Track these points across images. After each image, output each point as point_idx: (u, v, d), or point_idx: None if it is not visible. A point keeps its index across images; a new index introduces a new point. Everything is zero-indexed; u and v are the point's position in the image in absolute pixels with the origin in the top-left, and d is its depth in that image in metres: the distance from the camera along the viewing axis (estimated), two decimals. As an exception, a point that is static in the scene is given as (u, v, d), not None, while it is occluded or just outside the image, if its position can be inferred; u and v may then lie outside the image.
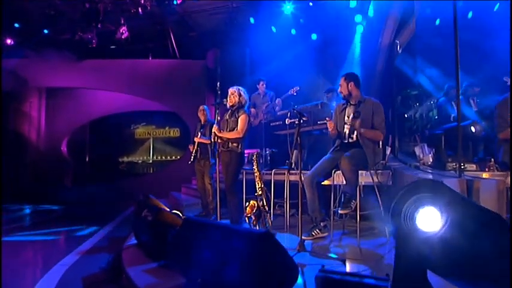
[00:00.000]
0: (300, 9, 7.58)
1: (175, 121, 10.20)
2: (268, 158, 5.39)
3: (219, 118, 3.83)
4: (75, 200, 8.66)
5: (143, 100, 9.85)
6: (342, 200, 3.26)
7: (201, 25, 9.34)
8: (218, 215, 3.78)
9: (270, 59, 7.99)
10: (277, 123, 5.38)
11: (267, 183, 4.85)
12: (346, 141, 3.32)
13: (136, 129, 11.65)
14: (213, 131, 3.58)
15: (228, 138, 3.62)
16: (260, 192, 3.40)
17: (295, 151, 4.69)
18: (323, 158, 3.37)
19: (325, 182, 3.45)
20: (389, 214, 1.65)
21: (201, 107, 5.10)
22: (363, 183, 3.23)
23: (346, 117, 3.35)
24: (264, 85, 6.38)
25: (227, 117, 3.74)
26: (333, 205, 3.33)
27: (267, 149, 5.60)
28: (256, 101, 6.42)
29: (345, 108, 3.37)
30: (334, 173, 3.30)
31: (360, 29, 7.10)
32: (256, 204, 3.30)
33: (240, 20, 8.52)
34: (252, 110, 6.33)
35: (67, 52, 9.38)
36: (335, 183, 3.34)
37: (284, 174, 4.54)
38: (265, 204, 3.36)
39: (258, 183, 3.44)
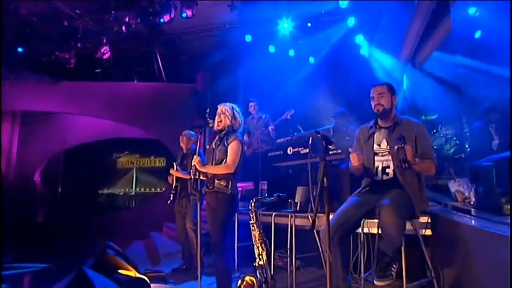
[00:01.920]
0: (299, 29, 6.96)
1: (161, 150, 9.24)
2: (266, 195, 4.43)
3: (202, 147, 2.90)
4: (47, 236, 7.47)
5: (126, 127, 8.92)
6: (376, 261, 2.29)
7: (190, 47, 8.69)
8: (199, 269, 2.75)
9: (265, 82, 7.32)
10: (276, 153, 4.48)
11: (264, 228, 3.88)
12: (378, 179, 2.40)
13: (119, 158, 10.62)
14: (193, 163, 2.63)
15: (214, 175, 2.69)
16: (261, 263, 2.38)
17: (300, 188, 3.77)
18: (347, 202, 2.44)
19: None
20: None
21: (184, 132, 4.17)
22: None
23: (375, 146, 2.45)
24: (256, 107, 5.52)
25: (213, 145, 2.82)
26: (363, 267, 2.36)
27: (262, 182, 4.68)
28: (249, 126, 5.54)
29: (373, 133, 2.48)
30: (364, 222, 2.36)
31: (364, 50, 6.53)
32: (254, 283, 2.27)
33: (232, 42, 7.89)
34: (245, 137, 5.45)
35: (43, 73, 8.54)
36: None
37: (287, 217, 3.60)
38: (269, 280, 2.33)
39: (257, 248, 2.43)
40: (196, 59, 8.71)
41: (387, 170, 2.36)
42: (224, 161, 2.70)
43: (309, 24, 7.17)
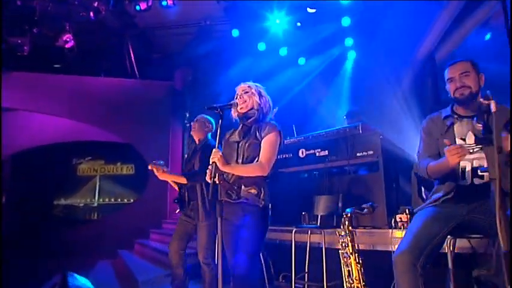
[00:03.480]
0: (293, 26, 6.43)
1: (130, 155, 8.17)
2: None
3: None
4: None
5: (89, 128, 7.76)
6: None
7: (168, 42, 7.86)
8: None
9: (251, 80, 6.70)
10: (281, 156, 3.81)
11: (270, 246, 3.18)
12: (467, 184, 1.80)
13: (80, 164, 9.32)
14: (212, 160, 1.84)
15: (240, 178, 1.94)
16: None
17: (322, 198, 3.11)
18: (422, 215, 1.81)
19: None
20: None
21: (197, 117, 3.17)
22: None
23: (458, 140, 1.86)
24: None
25: (236, 137, 2.06)
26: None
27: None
28: None
29: (452, 124, 1.89)
30: (450, 242, 1.74)
31: (352, 55, 6.18)
32: None
33: (217, 37, 7.21)
34: None
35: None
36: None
37: (307, 233, 2.94)
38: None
39: (354, 272, 1.64)
40: (174, 55, 7.87)
41: (480, 172, 1.77)
42: (255, 159, 1.96)
43: (299, 24, 6.67)
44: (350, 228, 1.68)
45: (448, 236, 1.76)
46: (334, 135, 3.30)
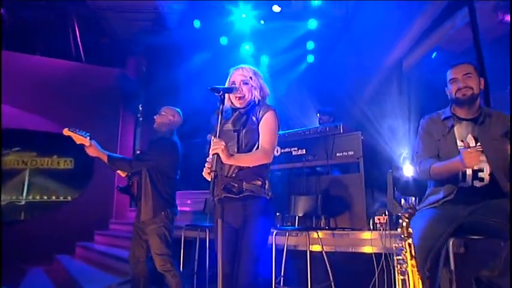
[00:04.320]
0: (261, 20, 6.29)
1: (70, 148, 7.23)
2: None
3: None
4: None
5: (19, 113, 6.70)
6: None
7: (119, 28, 7.18)
8: None
9: (212, 76, 6.42)
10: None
11: None
12: (467, 186, 1.81)
13: (6, 156, 8.04)
14: (213, 151, 1.57)
15: (241, 169, 1.71)
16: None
17: (301, 199, 2.99)
18: (424, 216, 1.77)
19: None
20: None
21: (164, 109, 2.85)
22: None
23: (459, 142, 1.86)
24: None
25: (230, 125, 1.81)
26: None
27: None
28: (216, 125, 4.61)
29: (453, 126, 1.90)
30: (452, 243, 1.73)
31: (310, 59, 6.31)
32: None
33: (177, 26, 6.75)
34: (209, 136, 4.54)
35: None
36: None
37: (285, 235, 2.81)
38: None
39: (411, 281, 1.43)
40: (127, 41, 7.20)
41: (480, 174, 1.79)
42: (254, 146, 1.74)
43: (262, 22, 6.58)
44: (410, 230, 1.54)
45: (450, 238, 1.74)
46: (312, 134, 3.21)
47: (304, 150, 3.20)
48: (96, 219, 5.74)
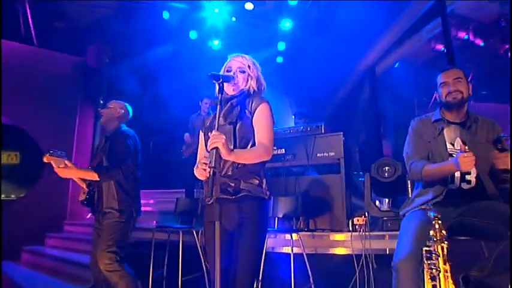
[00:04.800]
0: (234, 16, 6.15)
1: (15, 140, 6.50)
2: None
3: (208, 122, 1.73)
4: None
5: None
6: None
7: (78, 13, 6.62)
8: None
9: (179, 72, 6.18)
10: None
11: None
12: (455, 188, 1.84)
13: None
14: (212, 146, 1.41)
15: (237, 166, 1.58)
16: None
17: (282, 199, 2.91)
18: (416, 221, 1.78)
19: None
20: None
21: (111, 103, 2.68)
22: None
23: (448, 144, 1.90)
24: (208, 105, 4.58)
25: (222, 120, 1.64)
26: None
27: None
28: (194, 123, 4.51)
29: (442, 128, 1.93)
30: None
31: (279, 59, 6.34)
32: None
33: (146, 17, 6.39)
34: (187, 136, 4.38)
35: None
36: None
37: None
38: None
39: None
40: (88, 28, 6.65)
41: (467, 177, 1.84)
42: (251, 142, 1.62)
43: (234, 19, 6.47)
44: (443, 232, 1.47)
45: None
46: (293, 134, 3.16)
47: (283, 149, 3.14)
48: (48, 220, 5.20)
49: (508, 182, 1.79)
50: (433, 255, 1.39)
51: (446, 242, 1.44)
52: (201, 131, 1.81)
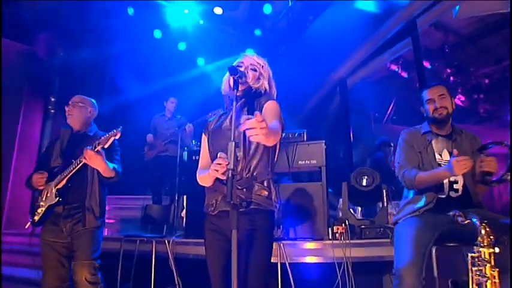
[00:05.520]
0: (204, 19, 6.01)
1: None
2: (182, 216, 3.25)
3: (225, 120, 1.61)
4: None
5: None
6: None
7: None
8: None
9: (141, 72, 5.89)
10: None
11: (182, 263, 2.75)
12: (443, 196, 1.94)
13: None
14: (251, 131, 1.18)
15: (251, 169, 1.50)
16: None
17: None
18: (412, 228, 1.84)
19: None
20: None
21: (77, 99, 2.42)
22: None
23: (437, 155, 2.01)
24: (175, 105, 4.34)
25: (227, 122, 1.58)
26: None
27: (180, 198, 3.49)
28: (157, 124, 4.22)
29: (431, 140, 2.04)
30: (435, 251, 1.82)
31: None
32: None
33: (107, 10, 5.97)
34: (150, 137, 4.10)
35: None
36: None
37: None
38: None
39: None
40: (37, 14, 6.00)
41: (455, 186, 1.95)
42: (262, 147, 1.51)
43: (201, 22, 6.37)
44: (491, 237, 1.45)
45: (433, 246, 1.83)
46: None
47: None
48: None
49: (491, 184, 1.89)
50: (479, 261, 1.40)
51: (495, 248, 1.44)
52: (204, 134, 1.71)
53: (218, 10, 6.03)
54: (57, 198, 2.14)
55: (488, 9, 3.55)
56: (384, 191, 2.95)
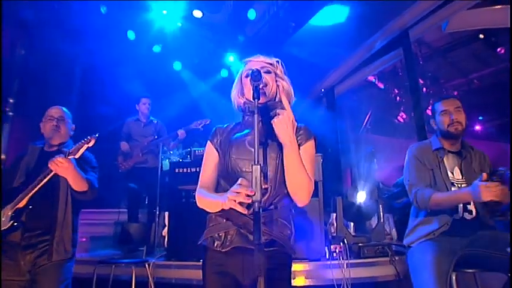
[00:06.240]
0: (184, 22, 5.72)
1: None
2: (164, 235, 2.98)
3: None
4: None
5: None
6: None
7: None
8: None
9: (114, 71, 5.51)
10: (191, 169, 3.16)
11: None
12: (458, 218, 1.83)
13: None
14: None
15: (275, 202, 1.26)
16: None
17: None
18: (432, 255, 1.71)
19: None
20: None
21: (62, 113, 2.11)
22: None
23: (449, 173, 1.90)
24: (149, 106, 3.97)
25: (252, 137, 1.30)
26: None
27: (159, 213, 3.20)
28: (131, 130, 3.83)
29: (442, 157, 1.93)
30: (455, 277, 1.69)
31: (224, 73, 6.19)
32: None
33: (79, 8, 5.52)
34: (124, 145, 3.71)
35: None
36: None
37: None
38: None
39: None
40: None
41: (469, 207, 1.84)
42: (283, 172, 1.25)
43: (179, 24, 6.10)
44: None
45: (453, 272, 1.70)
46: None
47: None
48: None
49: (500, 215, 1.83)
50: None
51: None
52: (209, 142, 1.41)
53: (198, 13, 5.79)
54: (11, 222, 1.76)
55: (476, 24, 3.62)
56: (380, 206, 2.84)
